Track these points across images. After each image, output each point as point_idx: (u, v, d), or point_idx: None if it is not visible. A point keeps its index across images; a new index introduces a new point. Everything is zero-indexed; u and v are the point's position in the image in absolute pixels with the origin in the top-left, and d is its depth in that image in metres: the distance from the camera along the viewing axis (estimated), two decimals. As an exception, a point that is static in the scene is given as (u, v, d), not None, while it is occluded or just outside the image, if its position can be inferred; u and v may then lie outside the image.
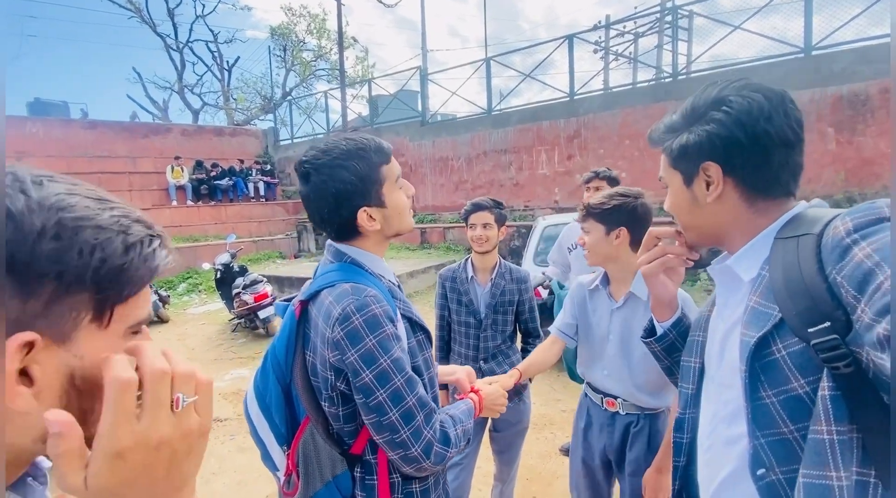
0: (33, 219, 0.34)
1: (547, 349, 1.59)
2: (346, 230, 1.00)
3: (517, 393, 1.94)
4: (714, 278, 0.78)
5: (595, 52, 14.58)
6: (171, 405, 0.36)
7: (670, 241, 0.87)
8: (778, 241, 0.66)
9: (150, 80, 19.22)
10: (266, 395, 0.99)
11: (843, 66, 6.27)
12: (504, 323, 1.88)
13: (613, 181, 2.44)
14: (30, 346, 0.34)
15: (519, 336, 2.00)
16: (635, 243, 1.41)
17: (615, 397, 1.51)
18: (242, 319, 5.98)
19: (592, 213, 1.47)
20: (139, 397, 0.36)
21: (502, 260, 1.98)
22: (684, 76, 8.53)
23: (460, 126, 10.78)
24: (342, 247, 1.01)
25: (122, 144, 12.08)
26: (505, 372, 1.59)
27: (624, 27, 14.29)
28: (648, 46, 14.25)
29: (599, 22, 15.53)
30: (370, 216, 0.98)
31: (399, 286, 1.09)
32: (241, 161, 12.87)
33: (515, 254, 7.65)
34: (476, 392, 1.15)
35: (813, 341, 0.55)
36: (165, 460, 0.37)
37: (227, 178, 12.03)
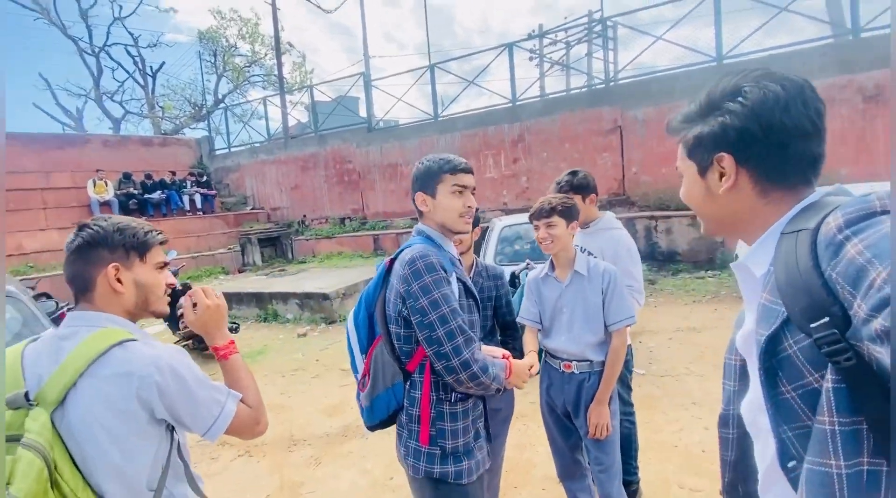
0: (110, 226, 1.06)
1: (533, 337, 1.94)
2: (416, 207, 1.43)
3: None
4: (736, 275, 0.78)
5: (530, 59, 15.28)
6: (214, 296, 1.17)
7: None
8: (783, 236, 0.66)
9: (61, 87, 17.52)
10: (357, 317, 1.47)
11: (748, 74, 7.06)
12: (484, 318, 1.95)
13: (581, 189, 2.19)
14: (116, 269, 1.03)
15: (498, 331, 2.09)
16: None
17: (571, 361, 1.87)
18: (190, 341, 5.61)
19: (559, 210, 1.81)
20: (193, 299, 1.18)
21: (478, 259, 2.06)
22: (613, 83, 9.16)
23: (407, 132, 10.82)
24: (421, 226, 1.44)
25: (33, 158, 10.87)
26: None
27: (556, 36, 15.09)
28: (580, 54, 15.14)
29: (533, 31, 16.31)
30: (423, 200, 1.40)
31: (460, 260, 1.51)
32: (173, 173, 12.06)
33: (470, 256, 7.80)
34: (507, 358, 1.44)
35: (815, 336, 0.56)
36: (219, 313, 1.16)
37: (158, 192, 11.22)
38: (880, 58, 6.42)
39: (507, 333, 2.03)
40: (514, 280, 2.67)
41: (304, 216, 12.19)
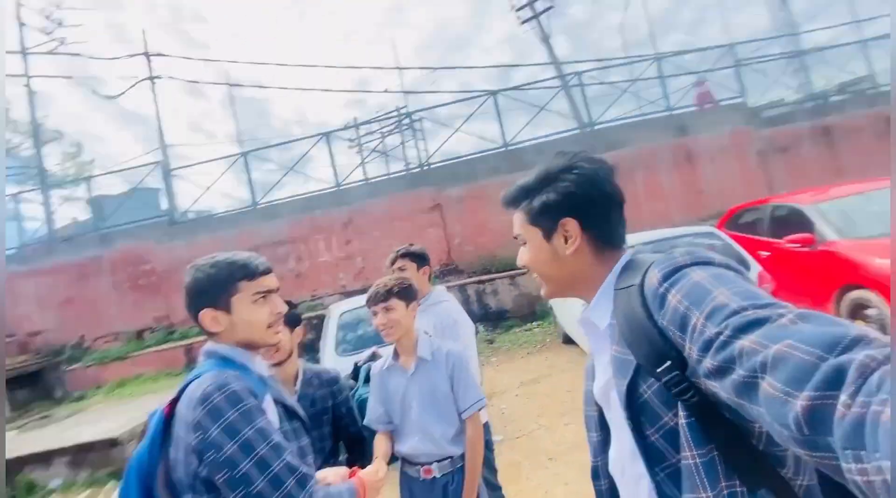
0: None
1: (384, 439, 1.66)
2: (201, 326, 1.12)
3: None
4: (582, 329, 0.84)
5: (350, 148, 16.07)
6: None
7: None
8: (617, 292, 0.74)
9: None
10: None
11: (529, 158, 8.69)
12: (321, 439, 1.59)
13: (417, 257, 2.28)
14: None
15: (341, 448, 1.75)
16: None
17: (430, 463, 1.63)
18: None
19: (396, 291, 1.66)
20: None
21: (305, 364, 1.75)
22: (427, 167, 10.18)
23: (222, 222, 9.77)
24: (211, 346, 1.12)
25: None
26: None
27: (371, 127, 16.33)
28: (396, 143, 16.61)
29: (349, 122, 17.42)
30: (214, 318, 1.09)
31: (272, 376, 1.23)
32: None
33: (310, 349, 7.08)
34: (354, 475, 1.18)
35: (663, 379, 0.63)
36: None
37: None
38: (609, 143, 8.73)
39: (354, 449, 1.71)
40: (357, 373, 2.35)
41: (82, 337, 9.49)
